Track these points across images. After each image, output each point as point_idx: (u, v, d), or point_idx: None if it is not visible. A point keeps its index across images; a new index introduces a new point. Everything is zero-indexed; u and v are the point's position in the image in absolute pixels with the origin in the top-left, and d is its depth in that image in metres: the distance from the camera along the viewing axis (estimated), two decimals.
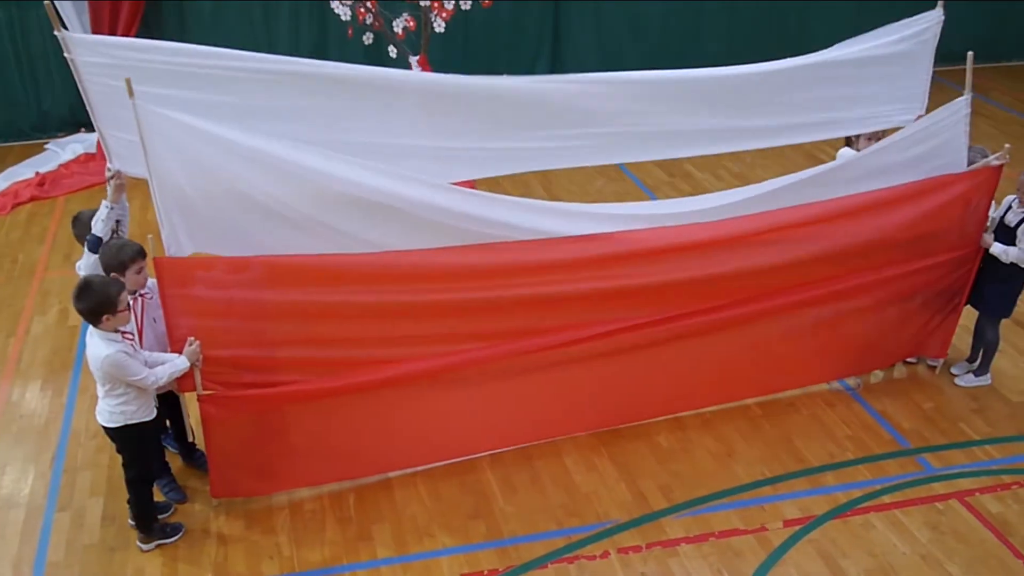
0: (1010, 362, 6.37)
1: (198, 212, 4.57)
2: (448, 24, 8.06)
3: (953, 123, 5.57)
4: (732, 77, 5.45)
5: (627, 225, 5.21)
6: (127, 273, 4.66)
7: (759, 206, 5.37)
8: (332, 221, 4.78)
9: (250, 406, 4.93)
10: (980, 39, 11.36)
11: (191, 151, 4.43)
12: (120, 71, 4.33)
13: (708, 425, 5.81)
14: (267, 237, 4.71)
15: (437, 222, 4.86)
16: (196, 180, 4.50)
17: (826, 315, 5.83)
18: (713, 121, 5.52)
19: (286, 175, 4.62)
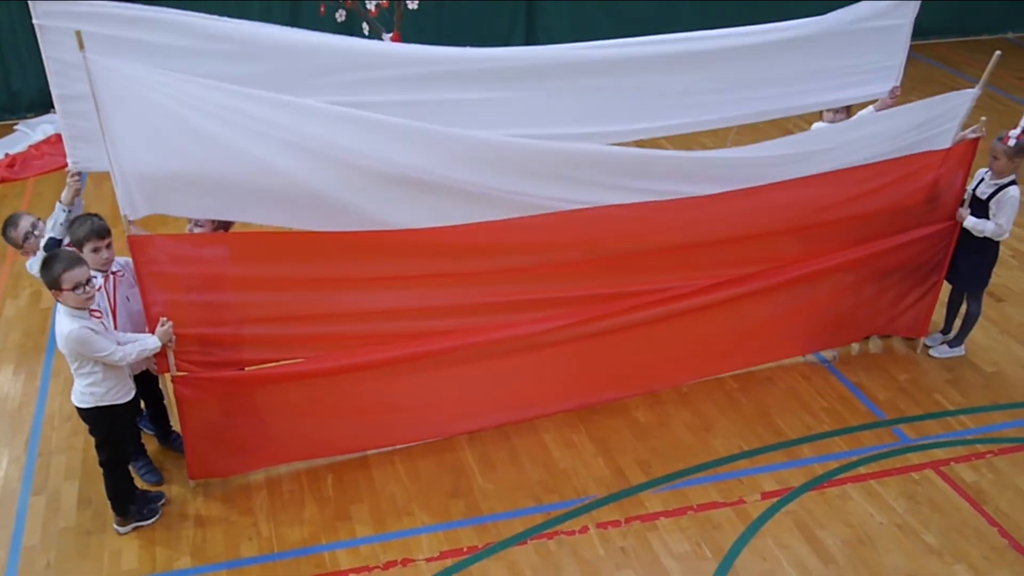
0: (983, 333, 6.42)
1: (152, 172, 4.38)
2: (421, 1, 8.01)
3: (952, 115, 5.55)
4: (709, 52, 5.42)
5: (609, 196, 5.08)
6: (84, 251, 4.57)
7: (750, 173, 5.30)
8: (304, 182, 4.57)
9: (225, 387, 4.89)
10: (952, 14, 11.56)
11: (145, 106, 4.21)
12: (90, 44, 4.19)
13: (685, 400, 5.82)
14: (225, 197, 4.54)
15: (415, 179, 4.70)
16: (151, 138, 4.29)
17: (803, 292, 5.83)
18: (691, 98, 5.50)
19: (249, 132, 4.39)
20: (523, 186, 4.88)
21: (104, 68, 4.09)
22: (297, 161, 4.49)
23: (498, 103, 5.23)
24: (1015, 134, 5.56)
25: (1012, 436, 5.58)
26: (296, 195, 4.60)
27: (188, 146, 4.35)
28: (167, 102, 4.24)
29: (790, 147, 5.40)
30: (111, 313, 4.67)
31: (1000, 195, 5.66)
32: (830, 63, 5.70)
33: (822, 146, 5.44)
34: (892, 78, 5.84)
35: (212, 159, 4.40)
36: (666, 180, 5.15)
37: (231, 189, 4.53)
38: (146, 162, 4.35)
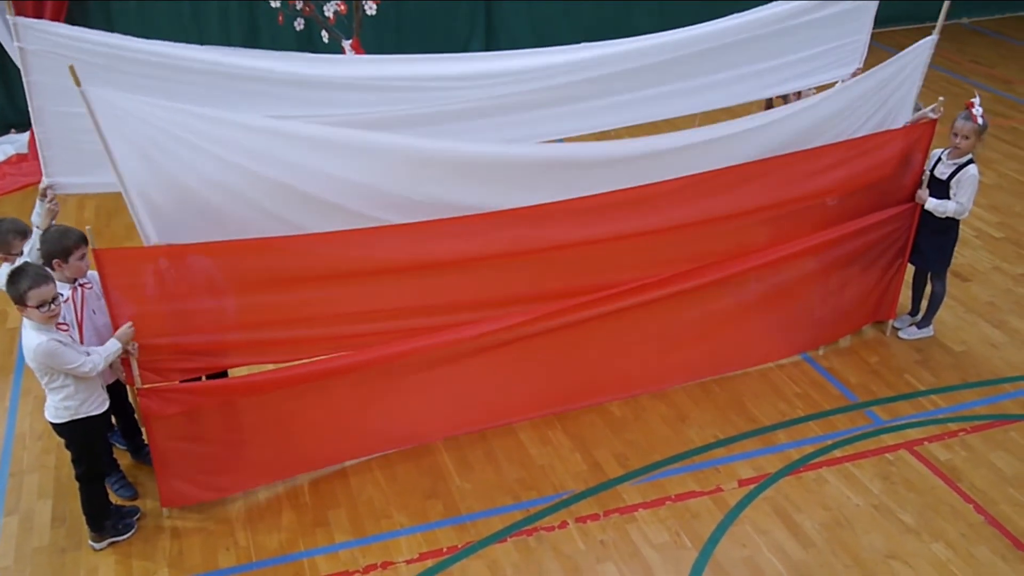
0: (950, 313, 6.49)
1: (157, 202, 4.42)
2: (380, 6, 8.00)
3: (914, 65, 5.61)
4: (672, 45, 5.44)
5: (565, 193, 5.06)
6: (70, 259, 4.55)
7: (705, 156, 5.28)
8: (288, 212, 4.66)
9: (191, 398, 4.80)
10: (907, 2, 11.65)
11: (146, 137, 4.26)
12: (67, 61, 4.21)
13: (660, 392, 5.84)
14: (231, 224, 4.57)
15: (395, 193, 4.75)
16: (154, 169, 4.34)
17: (770, 287, 5.83)
18: (659, 88, 5.51)
19: (248, 159, 4.46)
20: (474, 194, 4.91)
21: (102, 99, 4.09)
22: (274, 175, 4.55)
23: (458, 109, 5.22)
24: (980, 112, 5.61)
25: (983, 414, 5.64)
26: (283, 208, 4.64)
27: (181, 170, 4.39)
28: (158, 131, 4.28)
29: (752, 133, 5.36)
30: (77, 326, 4.62)
31: (960, 174, 5.71)
32: (796, 49, 5.73)
33: (783, 118, 5.44)
34: (855, 61, 5.88)
35: (204, 183, 4.45)
36: (620, 171, 5.13)
37: (228, 209, 4.56)
38: (151, 188, 4.37)
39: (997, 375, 5.95)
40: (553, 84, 5.30)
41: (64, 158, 4.61)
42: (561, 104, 5.37)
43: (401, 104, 5.17)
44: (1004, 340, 6.26)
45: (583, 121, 5.55)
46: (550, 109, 5.37)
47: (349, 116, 5.01)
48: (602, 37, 5.58)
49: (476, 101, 5.24)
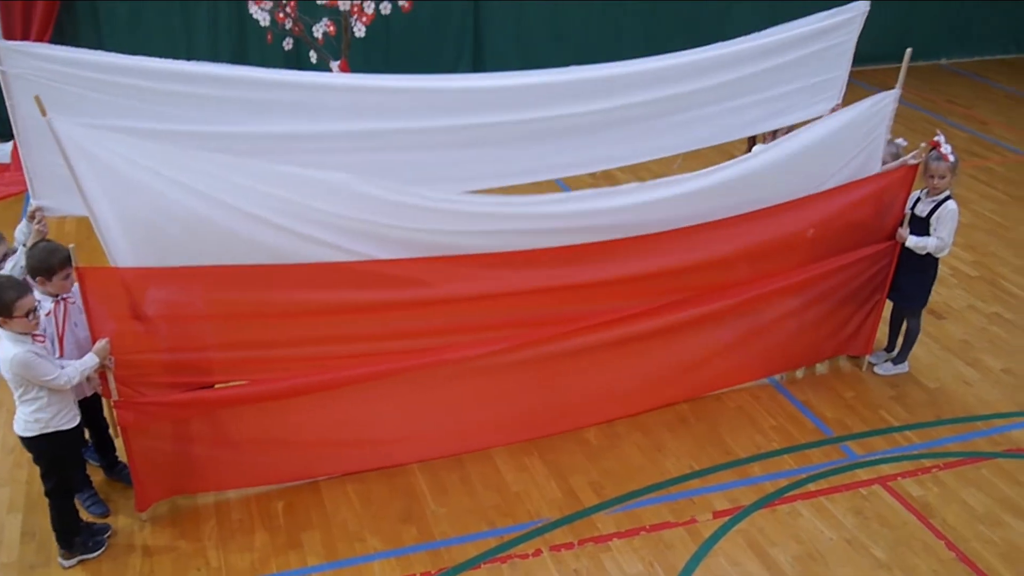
0: (925, 350, 6.55)
1: (123, 231, 4.46)
2: (369, 28, 8.03)
3: (878, 118, 5.68)
4: (653, 80, 5.48)
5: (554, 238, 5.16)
6: (54, 278, 4.55)
7: (682, 208, 5.37)
8: (264, 238, 4.68)
9: (168, 411, 4.83)
10: (886, 40, 11.80)
11: (110, 170, 4.31)
12: (56, 88, 4.28)
13: (636, 421, 5.85)
14: (200, 251, 4.60)
15: (371, 233, 4.80)
16: (118, 200, 4.38)
17: (749, 319, 5.89)
18: (637, 126, 5.55)
19: (215, 201, 4.51)
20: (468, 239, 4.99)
21: (68, 130, 4.14)
22: (247, 210, 4.58)
23: (444, 132, 5.25)
24: (948, 149, 5.70)
25: (956, 451, 5.69)
26: (255, 242, 4.66)
27: (148, 199, 4.41)
28: (122, 161, 4.31)
29: (731, 185, 5.43)
30: (58, 339, 4.61)
31: (940, 210, 5.79)
32: (774, 86, 5.80)
33: (761, 180, 5.50)
34: (834, 97, 5.96)
35: (171, 212, 4.47)
36: (607, 229, 5.22)
37: (195, 239, 4.57)
38: (117, 215, 4.40)
39: (970, 412, 6.00)
40: (538, 117, 5.33)
41: (51, 182, 4.63)
42: (549, 139, 5.40)
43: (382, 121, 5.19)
44: (977, 378, 6.32)
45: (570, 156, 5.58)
46: (535, 144, 5.40)
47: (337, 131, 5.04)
48: (589, 59, 5.63)
49: (454, 134, 5.26)
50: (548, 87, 5.36)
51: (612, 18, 11.38)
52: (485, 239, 5.02)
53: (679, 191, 5.30)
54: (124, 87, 4.69)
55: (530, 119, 5.31)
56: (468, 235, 4.99)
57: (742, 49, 5.61)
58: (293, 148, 5.02)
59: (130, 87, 4.70)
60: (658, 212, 5.29)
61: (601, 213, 5.21)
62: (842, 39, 5.79)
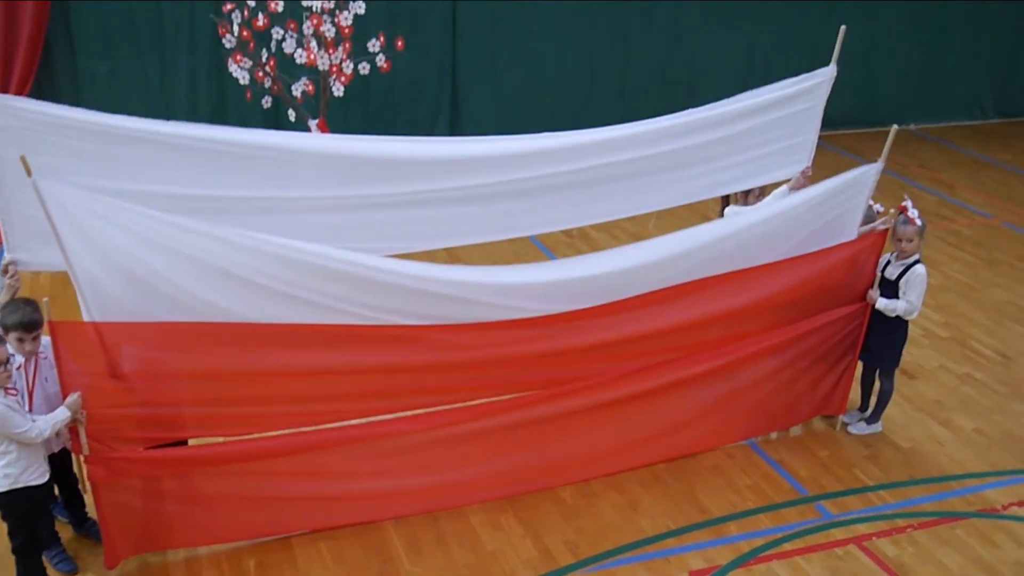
0: (898, 410, 6.60)
1: (105, 289, 4.48)
2: (347, 87, 8.12)
3: (858, 190, 5.79)
4: (624, 142, 5.55)
5: (535, 302, 5.24)
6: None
7: (660, 274, 5.47)
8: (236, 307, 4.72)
9: (141, 468, 4.78)
10: (855, 106, 12.14)
11: (94, 230, 4.35)
12: (35, 142, 4.31)
13: (612, 479, 5.84)
14: (178, 312, 4.63)
15: (342, 310, 4.86)
16: (99, 259, 4.42)
17: (725, 382, 5.93)
18: (609, 186, 5.61)
19: (194, 261, 4.55)
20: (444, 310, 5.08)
21: (52, 190, 4.17)
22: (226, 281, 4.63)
23: (422, 192, 5.28)
24: (915, 214, 5.82)
25: (930, 510, 5.71)
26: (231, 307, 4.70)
27: (128, 261, 4.45)
28: (105, 223, 4.36)
29: (705, 248, 5.55)
30: (28, 394, 4.57)
31: (908, 274, 5.89)
32: (745, 149, 5.89)
33: (737, 242, 5.61)
34: (804, 160, 6.06)
35: (151, 274, 4.51)
36: (578, 299, 5.31)
37: (175, 299, 4.60)
38: (97, 274, 4.43)
39: (944, 472, 6.03)
40: (514, 178, 5.39)
41: (27, 235, 4.61)
42: (525, 199, 5.45)
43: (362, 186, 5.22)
44: (950, 438, 6.37)
45: (546, 215, 5.63)
46: (510, 202, 5.44)
47: (315, 196, 5.07)
48: (564, 120, 5.71)
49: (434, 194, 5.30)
50: (523, 153, 5.42)
51: (585, 79, 11.58)
52: (457, 311, 5.10)
53: (657, 257, 5.45)
54: (104, 144, 4.70)
55: (506, 180, 5.36)
56: (442, 305, 5.07)
57: (712, 115, 5.72)
58: (271, 208, 5.03)
59: (109, 144, 4.71)
60: (634, 277, 5.40)
61: (576, 282, 5.32)
62: (810, 103, 5.92)
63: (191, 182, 4.85)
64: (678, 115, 5.67)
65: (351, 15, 7.92)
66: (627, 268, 5.44)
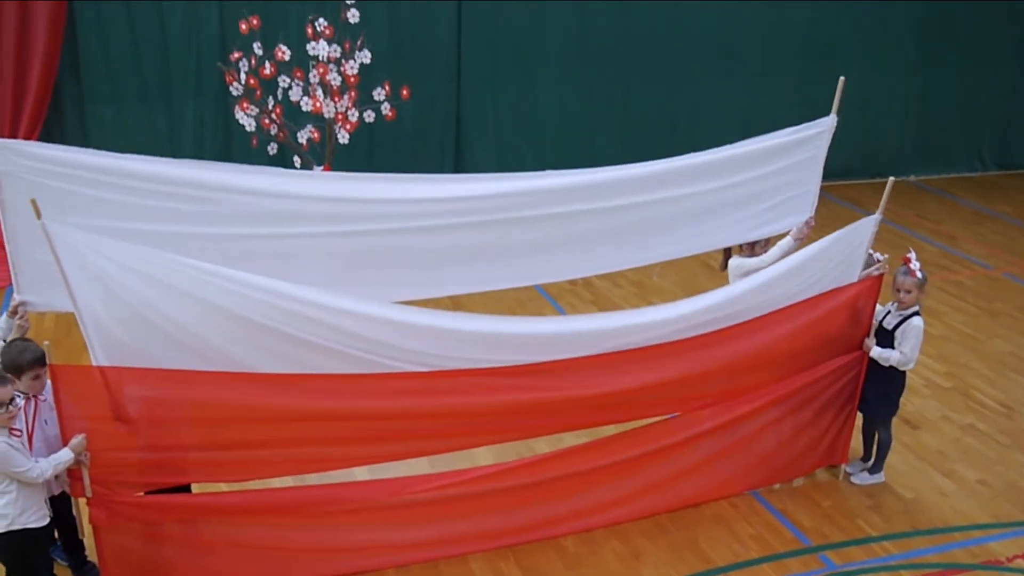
0: (900, 459, 6.57)
1: (112, 333, 4.50)
2: (352, 134, 8.20)
3: (858, 242, 5.83)
4: (630, 189, 5.58)
5: (537, 352, 5.26)
6: (23, 378, 4.54)
7: (663, 331, 5.49)
8: (238, 354, 4.75)
9: (143, 512, 4.78)
10: (856, 157, 12.22)
11: (101, 272, 4.38)
12: (44, 185, 4.38)
13: (614, 529, 5.80)
14: (184, 358, 4.65)
15: (347, 354, 4.87)
16: (108, 303, 4.45)
17: (727, 434, 5.92)
18: (611, 239, 5.64)
19: (203, 305, 4.58)
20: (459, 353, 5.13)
21: (62, 234, 4.23)
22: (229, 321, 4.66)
23: (424, 241, 5.31)
24: (917, 266, 5.85)
25: (934, 562, 5.66)
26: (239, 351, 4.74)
27: (137, 304, 4.48)
28: (114, 266, 4.39)
29: (711, 309, 5.58)
30: (27, 436, 4.58)
31: (905, 325, 5.91)
32: (749, 200, 5.90)
33: (741, 305, 5.65)
34: (807, 209, 6.09)
35: (159, 317, 4.54)
36: (583, 348, 5.33)
37: (178, 346, 4.63)
38: (103, 317, 4.46)
39: (947, 523, 6.00)
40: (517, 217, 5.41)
41: (36, 276, 4.65)
42: (530, 247, 5.47)
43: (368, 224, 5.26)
44: (953, 489, 6.34)
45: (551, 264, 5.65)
46: (518, 252, 5.46)
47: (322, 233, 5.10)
48: (566, 166, 5.72)
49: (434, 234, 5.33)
50: (528, 192, 5.45)
51: (587, 124, 11.71)
52: (459, 360, 5.12)
53: (662, 318, 5.49)
54: (112, 186, 4.74)
55: (508, 221, 5.38)
56: (446, 352, 5.09)
57: (715, 160, 5.73)
58: (276, 249, 5.06)
59: (118, 187, 4.75)
60: (639, 334, 5.44)
61: (577, 335, 5.35)
62: (811, 153, 5.96)
63: (200, 221, 4.88)
64: (680, 158, 5.68)
65: (357, 64, 8.04)
66: (630, 325, 5.46)
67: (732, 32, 11.83)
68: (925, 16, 12.53)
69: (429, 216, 5.25)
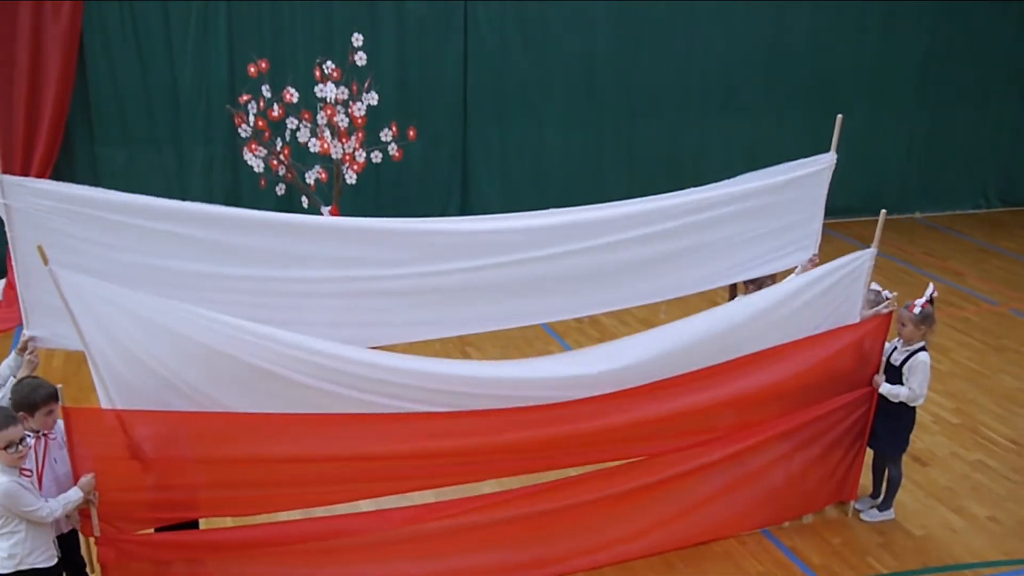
0: (910, 496, 6.54)
1: (121, 375, 4.54)
2: (359, 175, 8.27)
3: (856, 275, 5.85)
4: (628, 216, 5.61)
5: (546, 391, 5.27)
6: (36, 414, 4.56)
7: (666, 366, 5.49)
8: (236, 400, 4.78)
9: (152, 551, 4.78)
10: (861, 195, 12.26)
11: (108, 318, 4.42)
12: (55, 223, 4.46)
13: (624, 567, 5.78)
14: (193, 400, 4.69)
15: (350, 396, 4.90)
16: (116, 347, 4.48)
17: (735, 469, 5.91)
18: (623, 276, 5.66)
19: (208, 351, 4.61)
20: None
21: (69, 279, 4.27)
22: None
23: (433, 276, 5.33)
24: (920, 303, 5.88)
25: None
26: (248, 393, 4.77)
27: (144, 350, 4.51)
28: (122, 313, 4.43)
29: (710, 342, 5.60)
30: (37, 475, 4.58)
31: (911, 360, 5.92)
32: (752, 240, 5.93)
33: (739, 335, 5.66)
34: (810, 248, 6.12)
35: (166, 363, 4.58)
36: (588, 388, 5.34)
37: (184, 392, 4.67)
38: (112, 359, 4.48)
39: (957, 561, 5.96)
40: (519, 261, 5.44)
41: (47, 312, 4.68)
42: (536, 285, 5.50)
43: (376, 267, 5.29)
44: (963, 526, 6.30)
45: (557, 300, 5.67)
46: (521, 292, 5.49)
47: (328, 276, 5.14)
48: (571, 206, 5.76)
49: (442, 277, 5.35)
50: (534, 231, 5.49)
51: (593, 165, 11.80)
52: (466, 400, 5.13)
53: (663, 350, 5.50)
54: (126, 226, 4.78)
55: (515, 262, 5.41)
56: (451, 396, 5.11)
57: (715, 196, 5.76)
58: (283, 291, 5.09)
59: (131, 226, 4.79)
60: (645, 368, 5.44)
61: (585, 377, 5.35)
62: (812, 188, 6.00)
63: (208, 261, 4.92)
64: (679, 194, 5.71)
65: (364, 105, 8.13)
66: (639, 361, 5.46)
67: (736, 71, 11.95)
68: (928, 52, 12.65)
69: (435, 256, 5.29)
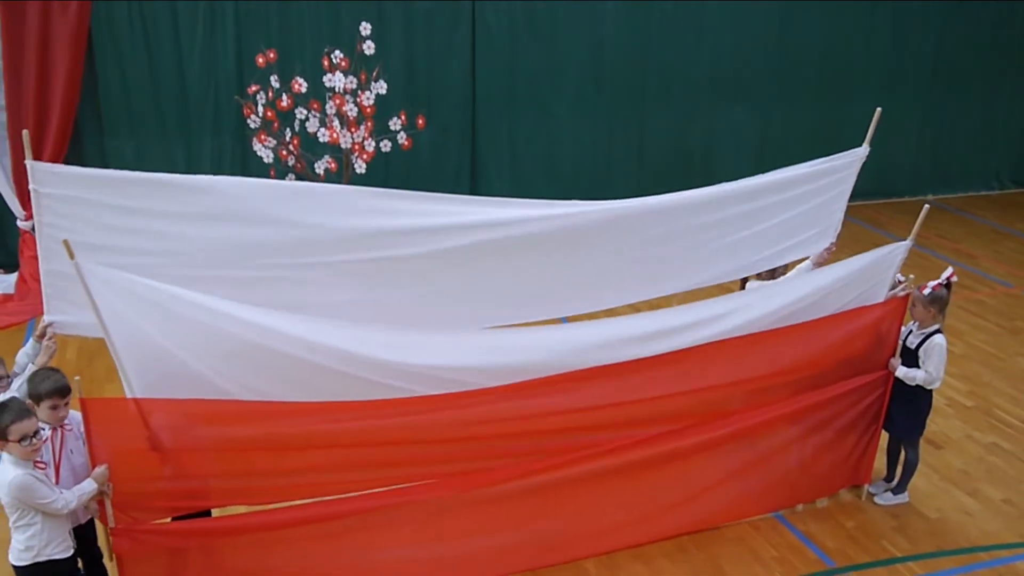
0: (925, 480, 6.52)
1: (143, 362, 4.55)
2: (369, 164, 8.26)
3: (887, 267, 5.83)
4: (652, 221, 5.52)
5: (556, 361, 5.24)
6: (40, 406, 4.57)
7: (687, 337, 5.44)
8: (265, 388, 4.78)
9: (167, 540, 4.81)
10: (872, 178, 12.13)
11: (131, 309, 4.43)
12: (82, 212, 4.46)
13: (636, 551, 5.77)
14: (214, 390, 4.70)
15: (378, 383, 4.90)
16: (139, 336, 4.49)
17: (747, 450, 5.90)
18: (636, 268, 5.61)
19: (229, 338, 4.63)
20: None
21: (94, 272, 4.28)
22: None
23: (447, 265, 5.32)
24: (932, 284, 5.85)
25: None
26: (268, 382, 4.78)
27: (167, 340, 4.54)
28: (150, 306, 4.45)
29: (732, 312, 5.56)
30: (54, 466, 4.61)
31: (927, 343, 5.89)
32: (776, 231, 5.84)
33: (766, 310, 5.61)
34: (830, 236, 6.06)
35: (190, 353, 4.60)
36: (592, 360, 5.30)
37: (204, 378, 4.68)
38: (134, 348, 4.50)
39: (972, 543, 5.94)
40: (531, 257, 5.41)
41: (65, 299, 4.68)
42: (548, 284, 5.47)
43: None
44: (978, 508, 6.28)
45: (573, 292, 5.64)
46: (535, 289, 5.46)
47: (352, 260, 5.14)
48: (582, 198, 5.72)
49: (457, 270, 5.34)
50: (547, 219, 5.44)
51: (603, 156, 11.76)
52: (476, 377, 5.11)
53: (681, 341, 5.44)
54: (149, 202, 4.75)
55: (534, 252, 5.37)
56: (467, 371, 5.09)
57: (743, 190, 5.66)
58: (306, 277, 5.07)
59: (155, 200, 4.77)
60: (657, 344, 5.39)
61: (596, 346, 5.31)
62: (841, 186, 5.92)
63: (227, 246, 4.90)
64: (707, 189, 5.59)
65: (373, 95, 8.11)
66: (648, 331, 5.43)
67: (746, 62, 11.88)
68: (941, 37, 12.58)
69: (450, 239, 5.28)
